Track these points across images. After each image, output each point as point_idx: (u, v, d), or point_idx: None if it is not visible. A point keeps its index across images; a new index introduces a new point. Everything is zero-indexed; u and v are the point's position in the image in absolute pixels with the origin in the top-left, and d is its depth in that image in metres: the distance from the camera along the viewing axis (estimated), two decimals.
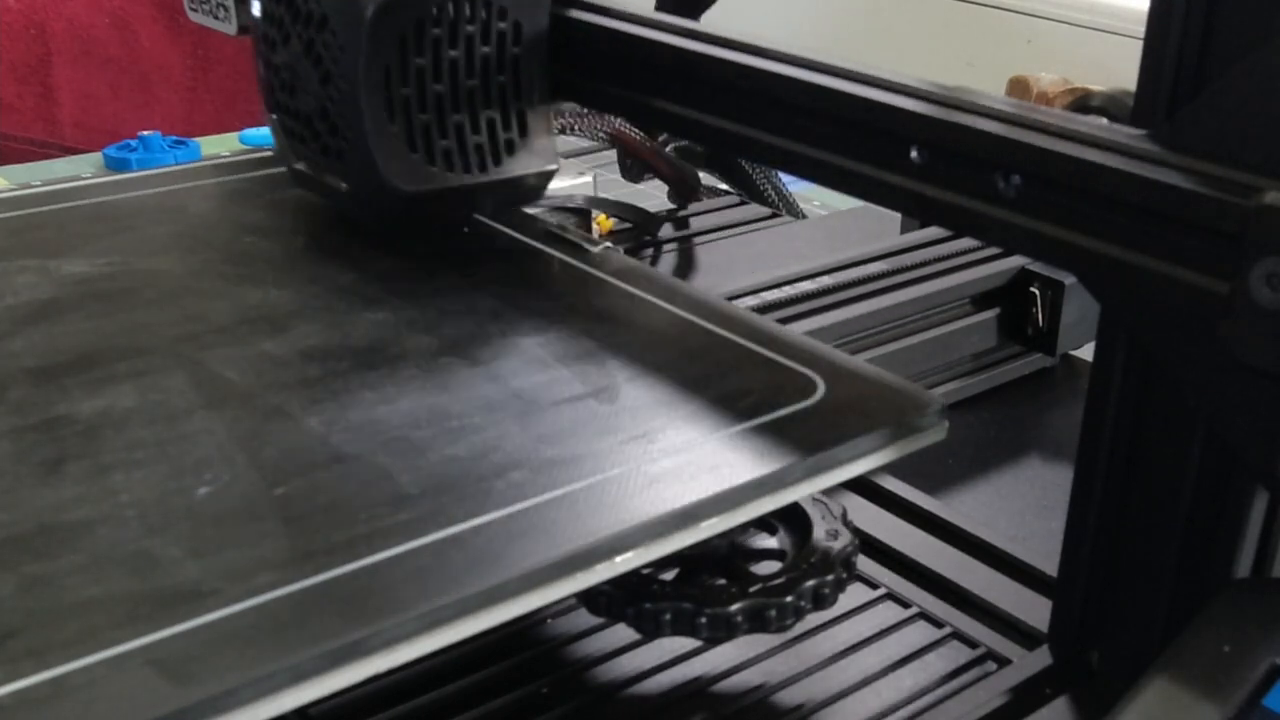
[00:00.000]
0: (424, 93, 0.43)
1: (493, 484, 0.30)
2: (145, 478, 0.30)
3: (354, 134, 0.42)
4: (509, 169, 0.45)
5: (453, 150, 0.44)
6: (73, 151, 1.16)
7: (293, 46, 0.44)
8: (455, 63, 0.43)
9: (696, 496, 0.30)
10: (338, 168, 0.44)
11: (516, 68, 0.44)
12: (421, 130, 0.43)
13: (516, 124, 0.45)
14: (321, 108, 0.44)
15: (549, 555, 0.28)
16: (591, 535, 0.28)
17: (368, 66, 0.41)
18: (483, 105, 0.44)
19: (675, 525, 0.30)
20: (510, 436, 0.33)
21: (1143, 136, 0.30)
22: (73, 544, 0.28)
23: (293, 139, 0.46)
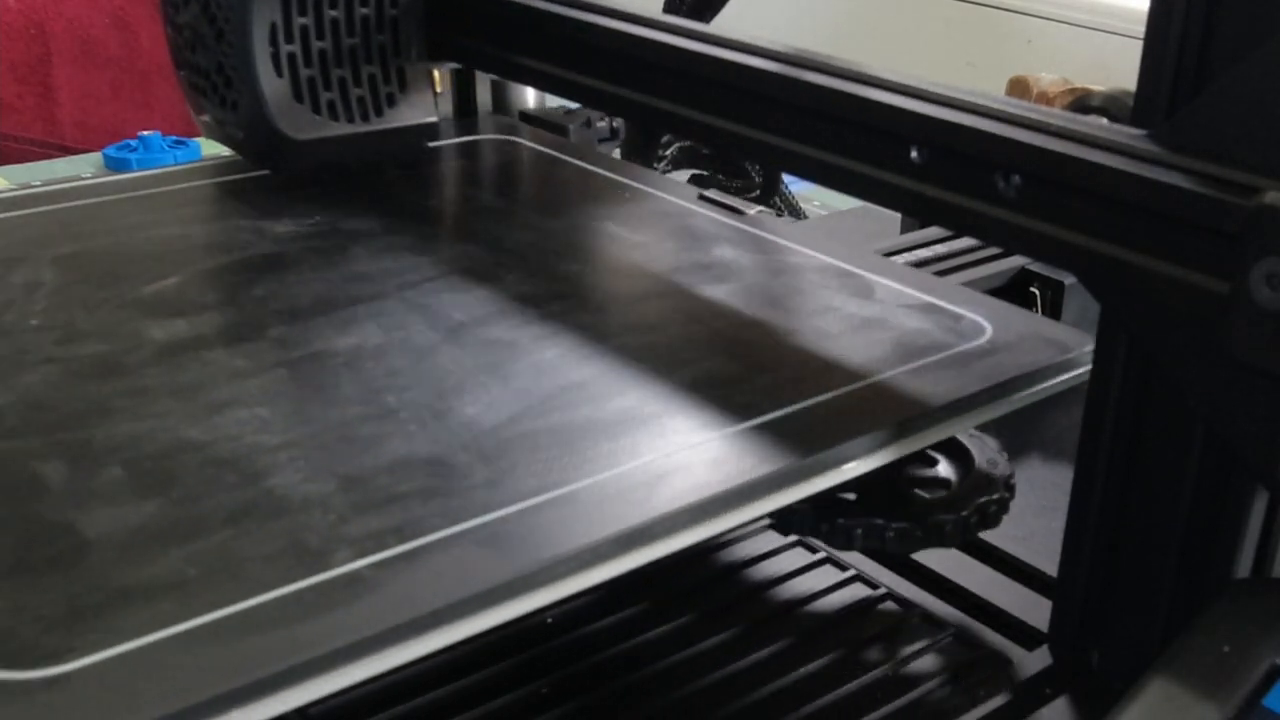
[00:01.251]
0: (308, 49, 0.48)
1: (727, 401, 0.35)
2: (415, 398, 0.35)
3: (247, 87, 0.48)
4: (390, 120, 0.51)
5: (336, 101, 0.49)
6: (73, 151, 1.16)
7: (192, 8, 0.49)
8: (336, 22, 0.49)
9: (904, 415, 0.34)
10: (234, 118, 0.49)
11: (395, 28, 0.50)
12: (307, 83, 0.48)
13: (396, 79, 0.51)
14: (218, 63, 0.49)
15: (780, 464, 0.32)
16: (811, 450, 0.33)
17: (255, 24, 0.47)
18: (364, 61, 0.50)
19: (887, 439, 0.34)
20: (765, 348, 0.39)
21: (1143, 136, 0.30)
22: (373, 452, 0.32)
23: (197, 93, 0.51)
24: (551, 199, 0.53)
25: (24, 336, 0.38)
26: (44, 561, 0.27)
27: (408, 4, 0.50)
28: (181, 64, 0.52)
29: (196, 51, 0.50)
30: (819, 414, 0.34)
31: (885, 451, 0.34)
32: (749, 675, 0.37)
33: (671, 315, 0.41)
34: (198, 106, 0.52)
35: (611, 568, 0.29)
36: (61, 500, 0.30)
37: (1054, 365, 0.38)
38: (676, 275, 0.43)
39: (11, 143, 1.40)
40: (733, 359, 0.38)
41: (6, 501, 0.30)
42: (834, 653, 0.38)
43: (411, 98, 0.51)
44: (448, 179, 0.55)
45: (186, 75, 0.52)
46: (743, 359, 0.38)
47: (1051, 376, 0.37)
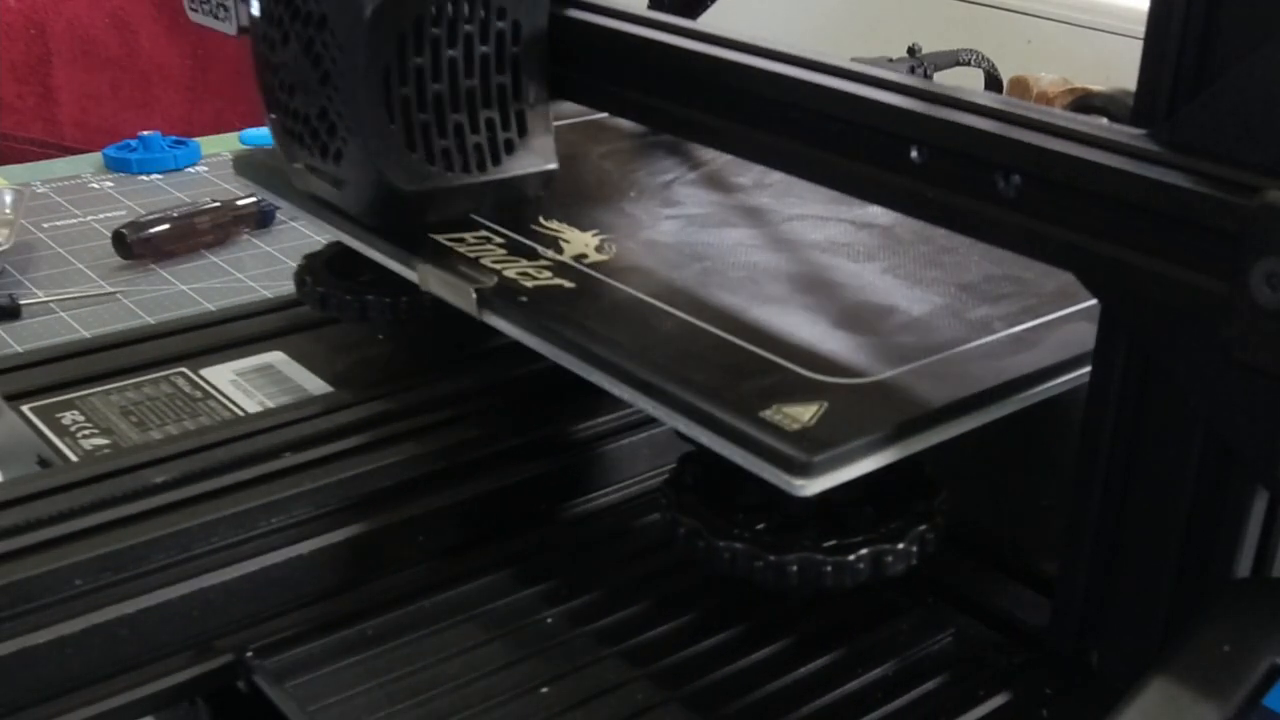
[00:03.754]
0: (423, 92, 0.43)
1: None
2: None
3: (353, 134, 0.43)
4: (508, 169, 0.45)
5: (451, 150, 0.44)
6: (73, 151, 1.17)
7: (292, 46, 0.44)
8: (454, 62, 0.43)
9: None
10: (337, 169, 0.44)
11: (516, 67, 0.45)
12: (421, 130, 0.43)
13: (515, 124, 0.45)
14: (321, 108, 0.44)
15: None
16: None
17: (367, 66, 0.41)
18: (482, 105, 0.44)
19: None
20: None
21: (1143, 136, 0.30)
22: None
23: (292, 139, 0.46)
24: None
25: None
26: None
27: (531, 40, 0.45)
28: (275, 107, 0.47)
29: (295, 95, 0.45)
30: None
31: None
32: (749, 675, 0.37)
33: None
34: (291, 153, 0.47)
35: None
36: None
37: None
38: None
39: (11, 143, 1.40)
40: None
41: (734, 295, 0.41)
42: (834, 653, 0.38)
43: (531, 143, 0.46)
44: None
45: (280, 119, 0.47)
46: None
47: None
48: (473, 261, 0.43)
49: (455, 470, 0.44)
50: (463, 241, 0.45)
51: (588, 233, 0.46)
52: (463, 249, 0.44)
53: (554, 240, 0.45)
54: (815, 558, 0.35)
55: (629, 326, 0.39)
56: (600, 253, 0.44)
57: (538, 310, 0.40)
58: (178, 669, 0.38)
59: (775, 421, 0.33)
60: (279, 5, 0.44)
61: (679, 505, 0.38)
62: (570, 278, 0.42)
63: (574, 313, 0.40)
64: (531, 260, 0.44)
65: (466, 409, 0.47)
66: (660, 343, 0.38)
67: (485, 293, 0.41)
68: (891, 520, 0.37)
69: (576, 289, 0.42)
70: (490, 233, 0.46)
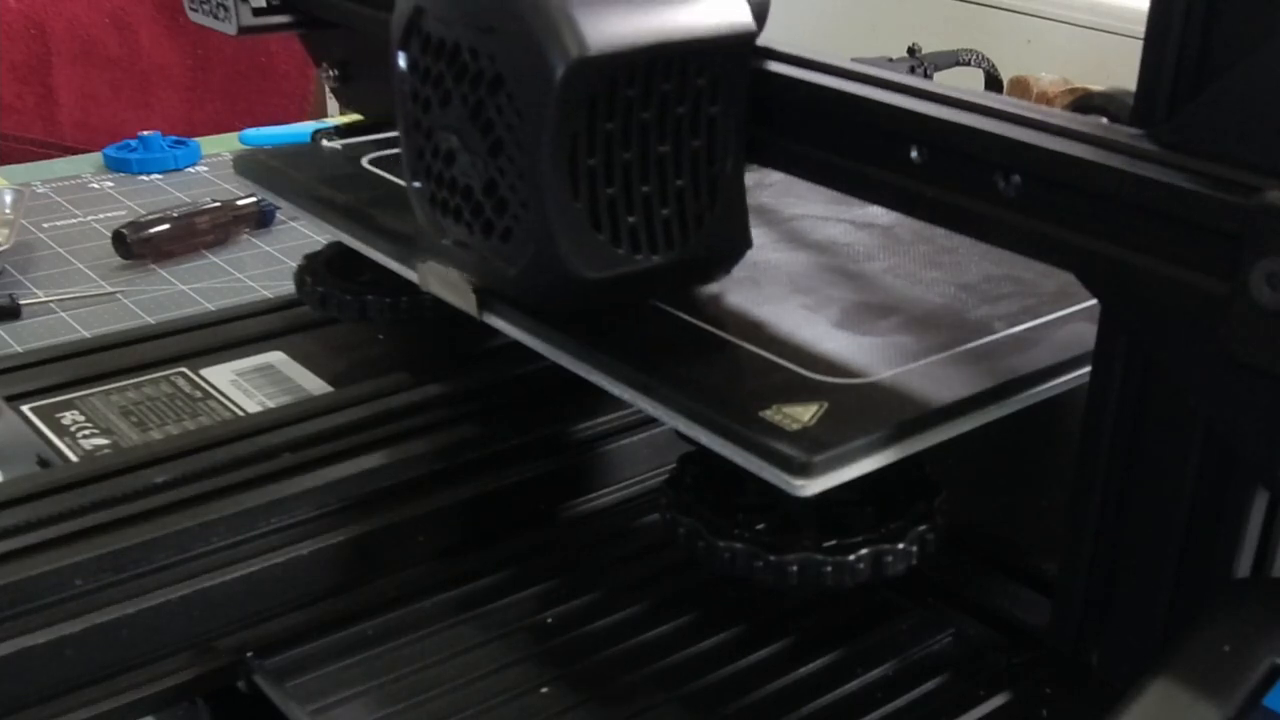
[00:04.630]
0: (611, 162, 0.36)
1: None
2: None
3: (530, 211, 0.36)
4: (697, 247, 0.38)
5: (639, 227, 0.37)
6: (73, 151, 1.16)
7: (454, 109, 0.37)
8: (646, 126, 0.36)
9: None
10: (506, 250, 0.37)
11: (712, 129, 0.37)
12: (607, 206, 0.36)
13: (707, 193, 0.38)
14: (489, 180, 0.37)
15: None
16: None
17: (554, 135, 0.34)
18: (673, 173, 0.37)
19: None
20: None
21: (1143, 136, 0.30)
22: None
23: (443, 213, 0.39)
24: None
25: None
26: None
27: (731, 96, 0.37)
28: (422, 174, 0.40)
29: (454, 163, 0.38)
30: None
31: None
32: (749, 675, 0.37)
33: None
34: (438, 226, 0.40)
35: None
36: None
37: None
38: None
39: (11, 143, 1.40)
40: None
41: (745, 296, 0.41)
42: (834, 653, 0.38)
43: (722, 214, 0.38)
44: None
45: (428, 189, 0.40)
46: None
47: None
48: None
49: (455, 470, 0.44)
50: None
51: None
52: None
53: None
54: (815, 558, 0.35)
55: (627, 326, 0.39)
56: None
57: (535, 311, 0.40)
58: (178, 669, 0.38)
59: (775, 422, 0.33)
60: (438, 61, 0.37)
61: (679, 505, 0.38)
62: None
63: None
64: None
65: (466, 409, 0.47)
66: (660, 343, 0.38)
67: (485, 293, 0.41)
68: (892, 520, 0.37)
69: None
70: None
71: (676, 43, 0.35)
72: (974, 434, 0.36)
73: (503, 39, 0.35)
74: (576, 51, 0.33)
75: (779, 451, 0.32)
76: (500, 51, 0.35)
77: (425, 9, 0.37)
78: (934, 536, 0.37)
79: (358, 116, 0.65)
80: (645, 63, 0.35)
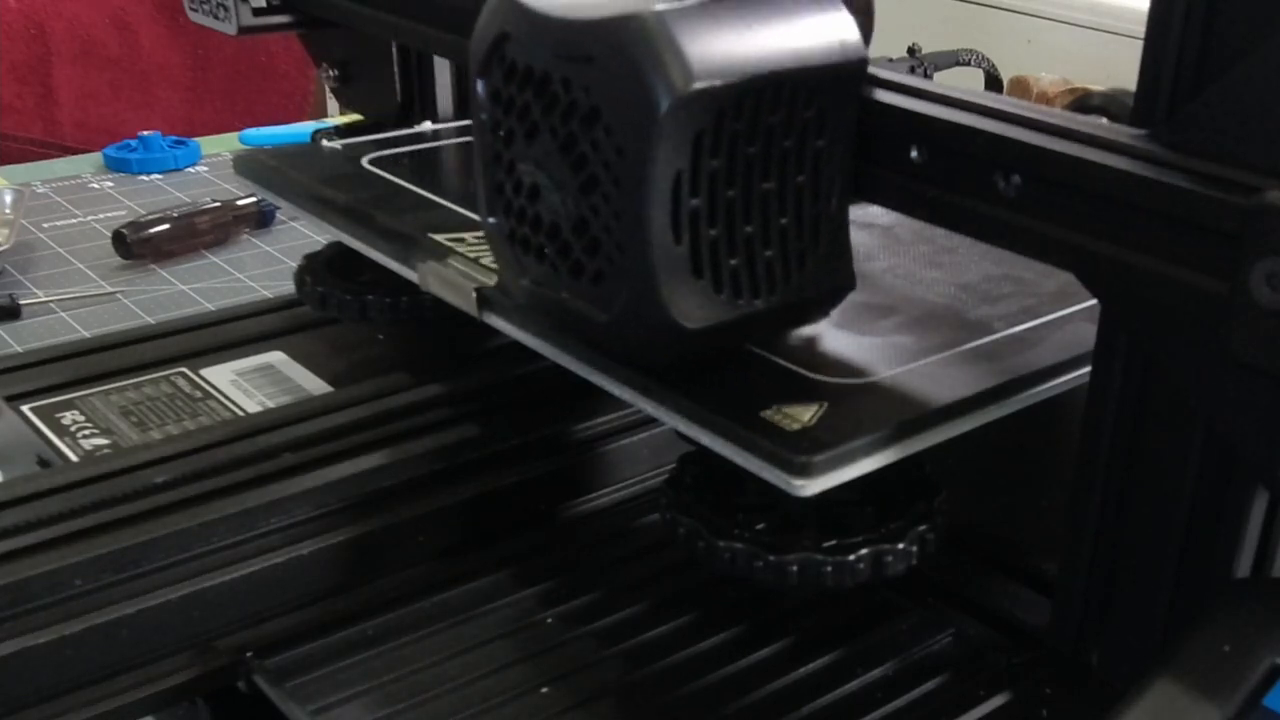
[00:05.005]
0: (715, 201, 0.33)
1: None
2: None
3: (627, 255, 0.33)
4: (798, 290, 0.36)
5: (741, 271, 0.34)
6: (73, 151, 1.17)
7: (542, 143, 0.34)
8: (751, 162, 0.33)
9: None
10: (597, 294, 0.35)
11: (817, 163, 0.35)
12: (709, 248, 0.33)
13: (811, 232, 0.35)
14: (579, 219, 0.34)
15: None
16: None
17: (658, 172, 0.32)
18: (777, 212, 0.34)
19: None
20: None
21: (1143, 136, 0.30)
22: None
23: (523, 250, 0.37)
24: None
25: None
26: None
27: (839, 127, 0.35)
28: (501, 209, 0.37)
29: (539, 200, 0.35)
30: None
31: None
32: (749, 675, 0.37)
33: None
34: (517, 266, 0.37)
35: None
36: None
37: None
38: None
39: (11, 143, 1.40)
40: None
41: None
42: (834, 653, 0.38)
43: (826, 253, 0.36)
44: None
45: (507, 225, 0.37)
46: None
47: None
48: (473, 261, 0.43)
49: (455, 470, 0.44)
50: (462, 241, 0.45)
51: None
52: (463, 249, 0.44)
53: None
54: (815, 558, 0.35)
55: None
56: None
57: (535, 312, 0.40)
58: (178, 669, 0.38)
59: (775, 422, 0.33)
60: (524, 91, 0.34)
61: (679, 505, 0.38)
62: None
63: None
64: None
65: (466, 409, 0.47)
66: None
67: (486, 292, 0.41)
68: (892, 520, 0.37)
69: None
70: None
71: (787, 71, 0.33)
72: (974, 434, 0.36)
73: (601, 69, 0.32)
74: (683, 84, 0.31)
75: (779, 452, 0.32)
76: (597, 82, 0.32)
77: (511, 34, 0.34)
78: (934, 536, 0.37)
79: (358, 116, 0.65)
80: (754, 94, 0.32)
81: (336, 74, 0.64)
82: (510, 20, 0.34)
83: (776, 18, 0.33)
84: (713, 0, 0.33)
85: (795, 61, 0.33)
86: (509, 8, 0.34)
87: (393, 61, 0.61)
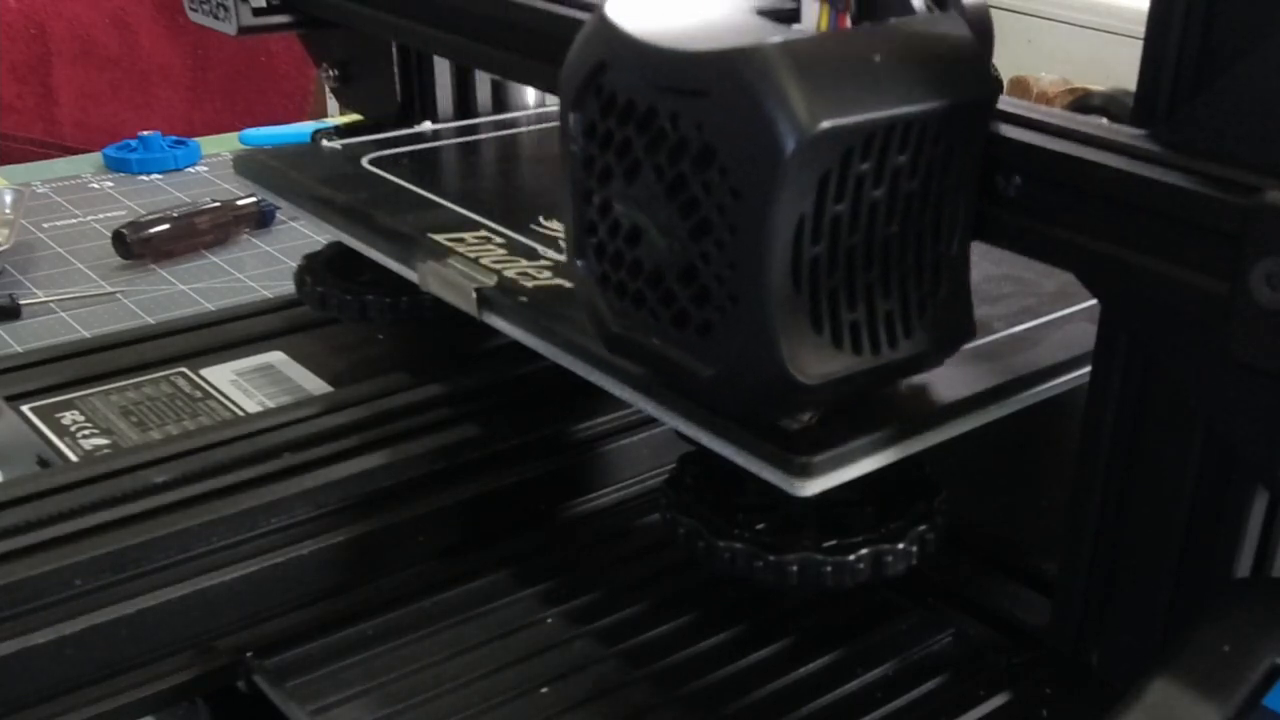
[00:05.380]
0: (836, 247, 0.31)
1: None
2: None
3: (741, 306, 0.31)
4: (917, 341, 0.33)
5: (861, 322, 0.32)
6: (73, 151, 1.17)
7: (644, 182, 0.32)
8: (875, 205, 0.31)
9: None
10: (700, 345, 0.32)
11: (940, 205, 0.32)
12: (828, 298, 0.31)
13: (932, 278, 0.33)
14: (686, 265, 0.31)
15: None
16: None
17: (780, 218, 0.29)
18: (898, 258, 0.32)
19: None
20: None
21: (1143, 136, 0.30)
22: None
23: (621, 297, 0.34)
24: None
25: None
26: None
27: (964, 168, 0.32)
28: (590, 252, 0.34)
29: (638, 244, 0.32)
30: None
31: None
32: (749, 675, 0.37)
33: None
34: (608, 312, 0.34)
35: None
36: None
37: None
38: None
39: (11, 143, 1.40)
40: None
41: None
42: (834, 653, 0.38)
43: (947, 299, 0.33)
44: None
45: (597, 269, 0.34)
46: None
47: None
48: (473, 261, 0.43)
49: (455, 470, 0.44)
50: (462, 241, 0.45)
51: None
52: (463, 249, 0.44)
53: (555, 240, 0.45)
54: (815, 558, 0.35)
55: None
56: None
57: (538, 310, 0.40)
58: (178, 669, 0.38)
59: (775, 422, 0.33)
60: (624, 126, 0.32)
61: (679, 505, 0.38)
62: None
63: (575, 313, 0.39)
64: (532, 260, 0.43)
65: (467, 409, 0.47)
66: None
67: (486, 292, 0.41)
68: (892, 520, 0.37)
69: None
70: (490, 232, 0.46)
71: (919, 108, 0.30)
72: (974, 434, 0.36)
73: (716, 105, 0.29)
74: (810, 122, 0.28)
75: (778, 452, 0.32)
76: (712, 119, 0.29)
77: (610, 64, 0.31)
78: (934, 536, 0.37)
79: (358, 116, 0.65)
80: (883, 133, 0.30)
81: (336, 74, 0.64)
82: (610, 49, 0.31)
83: (904, 48, 0.30)
84: (834, 31, 0.31)
85: (927, 97, 0.30)
86: (609, 35, 0.31)
87: (393, 61, 0.61)
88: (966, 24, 0.32)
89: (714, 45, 0.29)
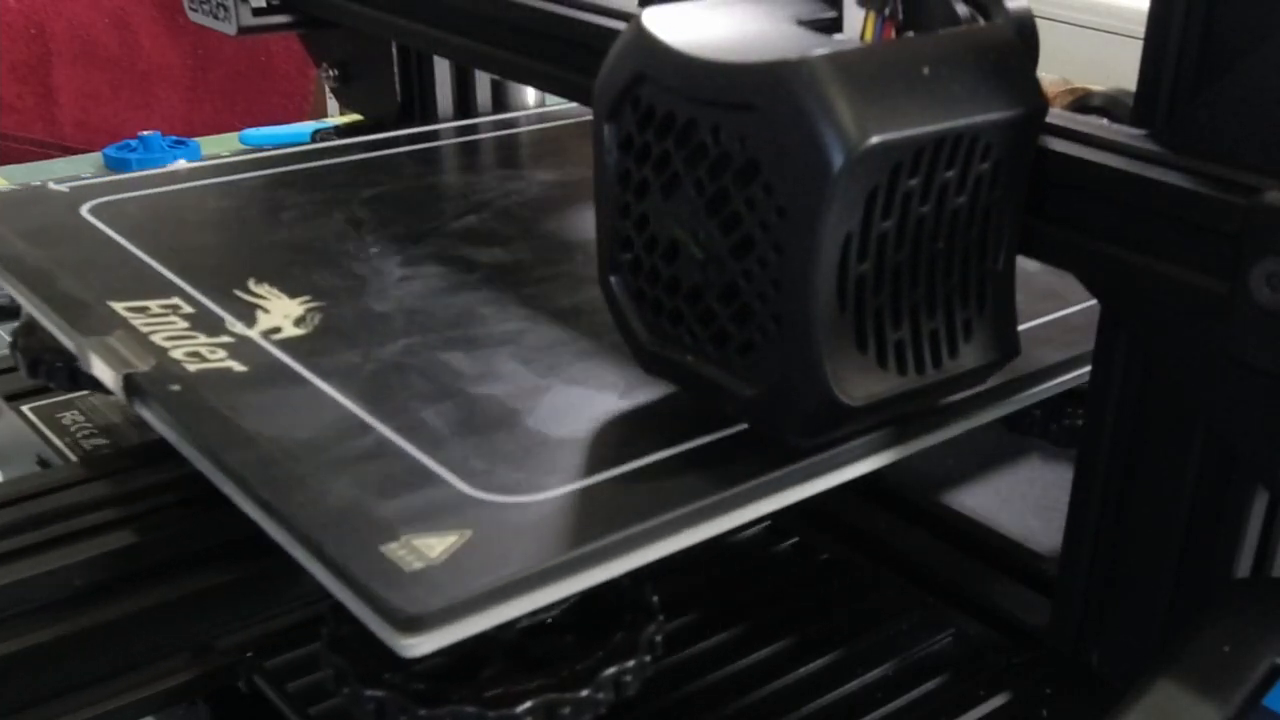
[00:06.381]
0: (882, 266, 0.30)
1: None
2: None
3: (785, 325, 0.29)
4: (962, 360, 0.32)
5: (905, 341, 0.31)
6: (73, 151, 1.17)
7: (684, 197, 0.30)
8: (922, 221, 0.30)
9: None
10: (741, 365, 0.31)
11: (986, 221, 0.31)
12: (873, 318, 0.30)
13: (977, 296, 0.32)
14: (728, 284, 0.30)
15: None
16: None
17: (827, 236, 0.28)
18: (943, 275, 0.31)
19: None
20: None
21: (1143, 136, 0.30)
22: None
23: (659, 315, 0.33)
24: None
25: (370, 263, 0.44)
26: (486, 424, 0.34)
27: (1011, 183, 0.31)
28: (626, 268, 0.33)
29: (676, 260, 0.31)
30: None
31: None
32: (749, 675, 0.37)
33: None
34: (644, 331, 0.33)
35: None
36: (474, 380, 0.36)
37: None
38: None
39: (11, 143, 1.40)
40: None
41: (431, 382, 0.36)
42: (834, 653, 0.38)
43: (992, 317, 0.32)
44: None
45: (633, 286, 0.33)
46: None
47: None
48: (143, 338, 0.37)
49: None
50: (145, 311, 0.39)
51: (295, 300, 0.40)
52: (139, 320, 0.38)
53: (252, 310, 0.40)
54: (466, 711, 0.30)
55: (284, 423, 0.33)
56: (299, 326, 0.39)
57: (186, 402, 0.34)
58: (178, 669, 0.38)
59: (395, 559, 0.27)
60: (663, 140, 0.31)
61: (332, 641, 0.32)
62: (246, 359, 0.36)
63: (226, 405, 0.34)
64: (212, 336, 0.38)
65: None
66: (311, 446, 0.32)
67: (135, 378, 0.35)
68: (584, 657, 0.32)
69: (247, 373, 0.36)
70: (183, 299, 0.40)
71: (969, 123, 0.29)
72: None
73: (761, 118, 0.28)
74: (859, 137, 0.27)
75: (383, 599, 0.26)
76: (756, 133, 0.28)
77: (648, 76, 0.30)
78: (635, 678, 0.32)
79: (358, 116, 0.65)
80: (933, 147, 0.29)
81: (336, 74, 0.64)
82: (648, 60, 0.30)
83: (953, 59, 0.29)
84: (880, 41, 0.30)
85: (976, 110, 0.29)
86: (647, 46, 0.30)
87: (393, 61, 0.61)
88: (1015, 32, 0.31)
89: (758, 57, 0.28)
